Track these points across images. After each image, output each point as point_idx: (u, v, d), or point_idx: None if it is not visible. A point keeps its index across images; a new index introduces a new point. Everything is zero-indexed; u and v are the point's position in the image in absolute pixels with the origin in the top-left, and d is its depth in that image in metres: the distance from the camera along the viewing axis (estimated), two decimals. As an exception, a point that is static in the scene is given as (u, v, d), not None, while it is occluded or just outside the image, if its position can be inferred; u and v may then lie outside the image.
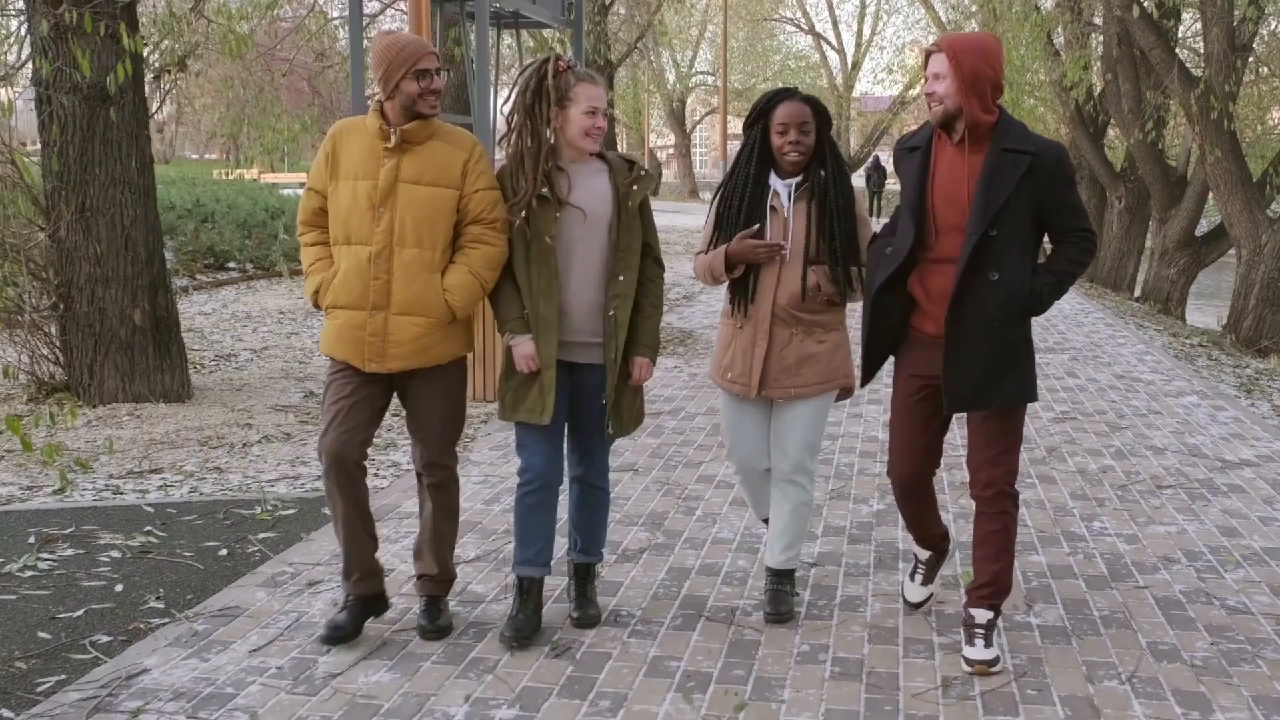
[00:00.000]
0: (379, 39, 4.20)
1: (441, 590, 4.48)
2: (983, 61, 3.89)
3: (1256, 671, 4.11)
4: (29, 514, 6.00)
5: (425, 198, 4.16)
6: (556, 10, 12.94)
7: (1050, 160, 3.95)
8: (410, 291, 4.15)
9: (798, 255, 4.38)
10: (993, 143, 3.96)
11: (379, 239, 4.13)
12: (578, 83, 4.17)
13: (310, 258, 4.32)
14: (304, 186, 4.39)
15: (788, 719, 3.75)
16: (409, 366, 4.21)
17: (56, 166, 8.08)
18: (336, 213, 4.21)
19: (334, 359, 4.27)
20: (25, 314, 8.25)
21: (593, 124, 4.19)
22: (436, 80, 4.14)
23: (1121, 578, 5.05)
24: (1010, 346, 4.02)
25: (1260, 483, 6.58)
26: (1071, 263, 4.06)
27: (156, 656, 4.22)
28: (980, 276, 3.96)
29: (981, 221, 3.92)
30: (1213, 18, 16.31)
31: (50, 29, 7.77)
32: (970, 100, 3.91)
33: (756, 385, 4.42)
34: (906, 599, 4.65)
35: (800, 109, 4.33)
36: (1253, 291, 16.51)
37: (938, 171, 4.06)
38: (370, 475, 6.72)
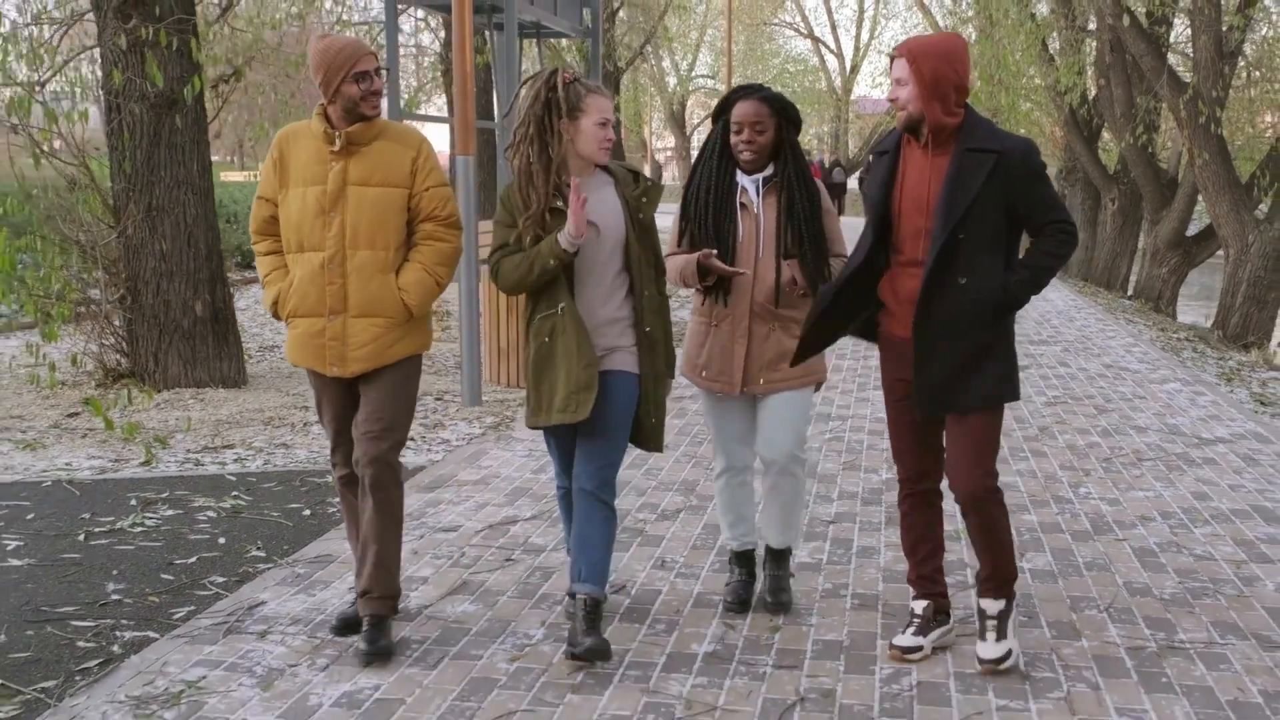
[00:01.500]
0: (315, 43, 4.17)
1: (385, 609, 4.27)
2: (944, 64, 3.85)
3: (1216, 604, 4.79)
4: (125, 482, 6.68)
5: (375, 199, 4.13)
6: (575, 21, 13.63)
7: (1017, 157, 3.88)
8: (366, 293, 4.15)
9: (770, 250, 4.40)
10: (958, 144, 3.91)
11: (331, 244, 4.12)
12: (588, 94, 4.12)
13: (266, 268, 4.30)
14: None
15: (817, 637, 4.43)
16: (370, 368, 4.19)
17: (128, 169, 8.75)
18: (288, 220, 4.18)
19: (303, 367, 4.30)
20: (100, 306, 8.91)
21: (604, 135, 4.15)
22: (377, 81, 4.12)
23: (1103, 532, 5.73)
24: (981, 349, 3.97)
25: (1232, 456, 7.26)
26: (1048, 256, 3.96)
27: (269, 592, 4.90)
28: (948, 280, 3.92)
29: (946, 224, 3.87)
30: (1201, 26, 16.99)
31: (129, 43, 8.43)
32: (931, 104, 3.86)
33: (739, 383, 4.45)
34: (895, 643, 4.25)
35: (755, 108, 4.33)
36: (1240, 290, 17.19)
37: (905, 175, 4.02)
38: (423, 452, 7.41)
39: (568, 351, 4.11)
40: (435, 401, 8.92)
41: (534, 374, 4.19)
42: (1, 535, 5.69)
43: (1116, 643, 4.38)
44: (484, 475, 6.75)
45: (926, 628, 4.26)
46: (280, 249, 4.28)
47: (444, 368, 10.71)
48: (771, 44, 55.53)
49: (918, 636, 4.23)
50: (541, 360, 4.17)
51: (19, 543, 5.58)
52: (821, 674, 4.10)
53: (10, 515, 6.02)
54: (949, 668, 4.15)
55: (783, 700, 3.90)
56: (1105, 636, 4.44)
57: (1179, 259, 21.16)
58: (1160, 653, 4.29)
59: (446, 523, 5.86)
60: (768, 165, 4.43)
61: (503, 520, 5.88)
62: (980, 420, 4.01)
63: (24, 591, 4.94)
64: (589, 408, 4.09)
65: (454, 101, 8.41)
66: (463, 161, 8.34)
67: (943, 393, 3.99)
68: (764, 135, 4.33)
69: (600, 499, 4.20)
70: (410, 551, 5.41)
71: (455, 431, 7.95)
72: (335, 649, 4.29)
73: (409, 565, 5.21)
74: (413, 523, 5.83)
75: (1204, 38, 16.92)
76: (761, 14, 51.69)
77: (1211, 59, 16.77)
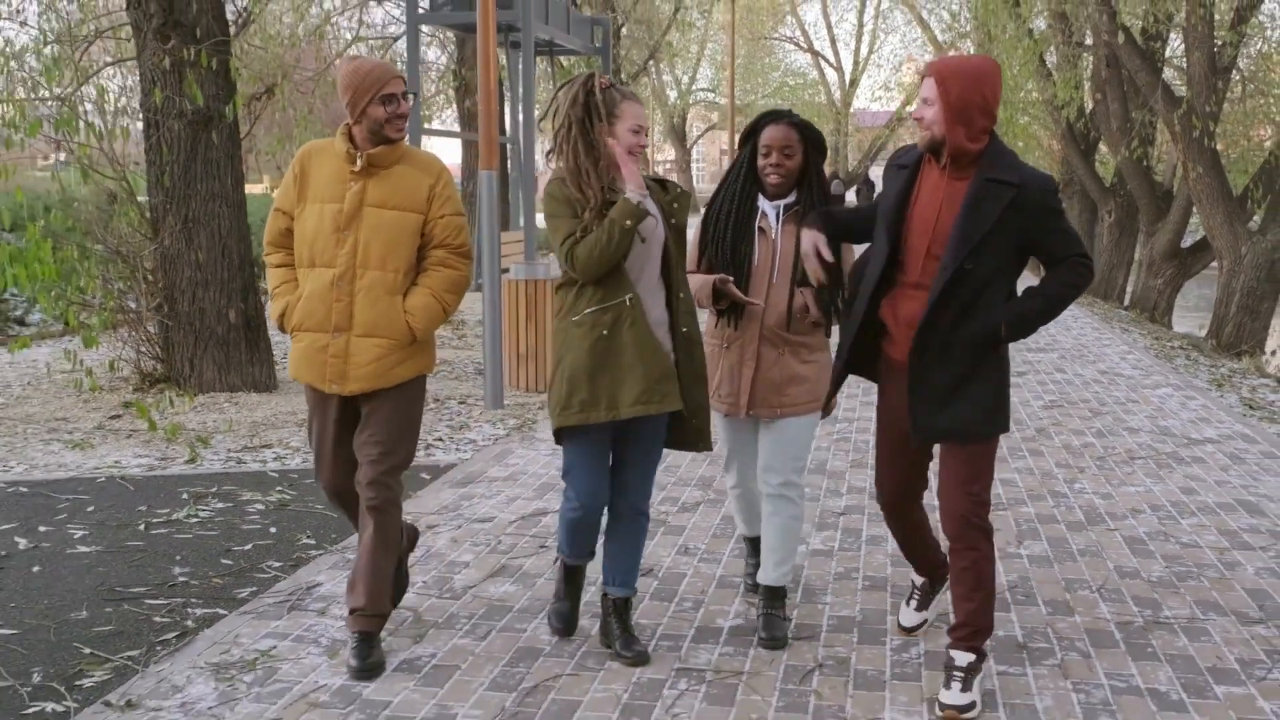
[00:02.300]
0: (345, 64, 4.21)
1: (374, 626, 4.30)
2: (972, 88, 3.77)
3: (1200, 585, 5.19)
4: (174, 478, 7.08)
5: (390, 221, 4.18)
6: (587, 39, 14.06)
7: (1035, 193, 3.82)
8: (372, 313, 4.18)
9: (785, 277, 4.42)
10: (978, 171, 3.84)
11: (342, 261, 4.16)
12: (623, 100, 4.18)
13: (276, 280, 4.33)
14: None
15: (831, 613, 4.83)
16: (369, 388, 4.22)
17: (167, 183, 9.16)
18: (303, 235, 4.22)
19: (302, 382, 4.34)
20: (140, 313, 9.31)
21: (637, 141, 4.20)
22: (403, 105, 4.17)
23: (1096, 523, 6.13)
24: (978, 380, 3.92)
25: (1219, 455, 7.66)
26: (1064, 286, 3.90)
27: (324, 575, 5.30)
28: (951, 309, 3.86)
29: (959, 253, 3.80)
30: (1194, 43, 17.43)
31: (171, 64, 8.84)
32: (955, 128, 3.79)
33: (745, 405, 4.49)
34: (900, 623, 4.59)
35: (785, 133, 4.38)
36: (1234, 300, 17.60)
37: (919, 196, 3.97)
38: (452, 450, 7.81)
39: (640, 341, 4.12)
40: (459, 405, 9.32)
41: (588, 368, 4.12)
42: (66, 525, 6.09)
43: (1107, 618, 4.78)
44: (512, 472, 7.15)
45: (927, 600, 4.58)
46: (292, 262, 4.32)
47: (464, 374, 11.11)
48: (771, 57, 56.07)
49: (920, 611, 4.56)
50: (601, 353, 4.12)
51: (85, 532, 5.98)
52: (837, 644, 4.50)
53: (72, 508, 6.42)
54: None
55: (802, 666, 4.30)
56: (1096, 613, 4.84)
57: (1174, 270, 21.56)
58: (1147, 627, 4.68)
59: (481, 514, 6.26)
60: (791, 191, 4.46)
61: (534, 512, 6.28)
62: (976, 448, 3.95)
63: (97, 574, 5.34)
64: (678, 397, 4.17)
65: (479, 118, 8.81)
66: (486, 176, 8.76)
67: (939, 421, 3.93)
68: (792, 160, 4.37)
69: (647, 514, 4.38)
70: (450, 540, 5.80)
71: (480, 432, 8.35)
72: (390, 624, 4.68)
73: (450, 552, 5.61)
74: (450, 514, 6.24)
75: (1197, 54, 17.34)
76: (762, 28, 52.21)
77: (1204, 74, 17.20)
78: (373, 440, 4.22)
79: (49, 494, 6.70)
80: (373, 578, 4.27)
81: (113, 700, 4.03)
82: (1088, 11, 19.14)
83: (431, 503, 6.49)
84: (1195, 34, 17.29)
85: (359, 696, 4.04)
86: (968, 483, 3.95)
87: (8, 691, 4.11)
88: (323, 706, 3.97)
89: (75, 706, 4.00)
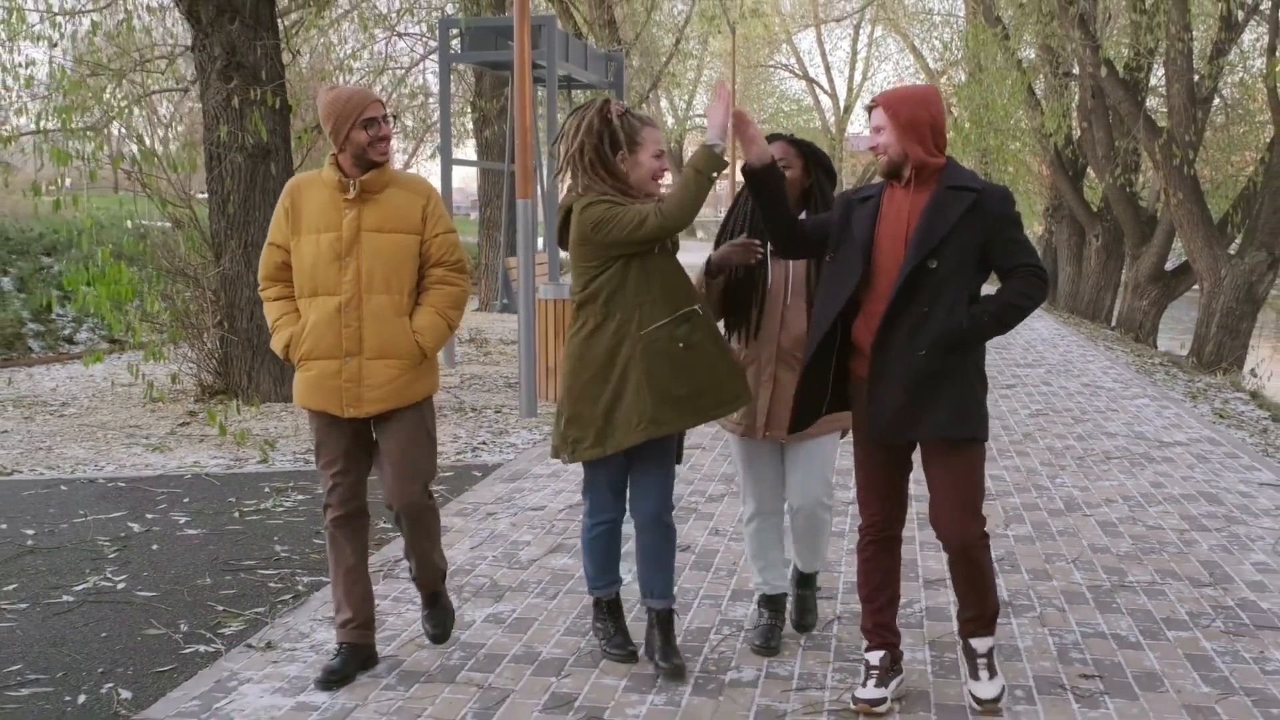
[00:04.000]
0: (323, 94, 4.26)
1: (438, 585, 4.68)
2: (918, 108, 3.96)
3: (1160, 558, 6.04)
4: (252, 475, 7.92)
5: (389, 244, 4.24)
6: (601, 74, 14.97)
7: (994, 200, 3.97)
8: (383, 336, 4.24)
9: (800, 296, 4.48)
10: (940, 181, 4.01)
11: (347, 288, 4.21)
12: (643, 126, 4.21)
13: (276, 312, 4.37)
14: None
15: (846, 579, 5.68)
16: (385, 409, 4.30)
17: (231, 210, 10.03)
18: (301, 266, 4.26)
19: (312, 410, 4.39)
20: (206, 330, 10.17)
21: (659, 167, 4.23)
22: (384, 127, 4.21)
23: (1073, 510, 6.99)
24: (938, 379, 3.96)
25: (1187, 455, 8.53)
26: (1018, 295, 3.97)
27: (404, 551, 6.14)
28: (911, 307, 3.94)
29: (919, 251, 3.91)
30: (1174, 75, 18.38)
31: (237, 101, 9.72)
32: (911, 144, 3.95)
33: (762, 427, 4.54)
34: (858, 696, 4.20)
35: (782, 147, 4.46)
36: (1214, 320, 18.49)
37: (884, 217, 4.06)
38: (495, 452, 8.66)
39: (721, 345, 4.30)
40: (495, 414, 10.18)
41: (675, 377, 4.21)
42: (169, 513, 6.93)
43: (1079, 582, 5.63)
44: (554, 469, 7.99)
45: (885, 678, 4.22)
46: (289, 294, 4.36)
47: (494, 387, 11.97)
48: (767, 84, 57.08)
49: (880, 688, 4.19)
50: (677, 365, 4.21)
51: (188, 518, 6.82)
52: (853, 603, 5.35)
53: (169, 499, 7.26)
54: (949, 596, 5.39)
55: (824, 618, 5.14)
56: (1071, 579, 5.69)
57: (1159, 292, 22.44)
58: (1113, 589, 5.54)
59: (533, 504, 7.10)
60: (800, 211, 4.54)
61: (579, 502, 7.12)
62: (959, 461, 4.01)
63: (209, 551, 6.18)
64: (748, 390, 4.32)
65: (515, 150, 9.69)
66: (523, 204, 9.63)
67: (893, 418, 4.00)
68: (789, 171, 4.42)
69: (669, 524, 4.43)
70: (510, 524, 6.65)
71: (520, 437, 9.20)
72: (470, 591, 5.52)
73: (511, 533, 6.44)
74: (505, 504, 7.08)
75: (1177, 85, 18.29)
76: (758, 56, 53.21)
77: (1184, 105, 18.14)
78: (400, 461, 4.34)
79: (145, 488, 7.54)
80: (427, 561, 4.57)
81: (254, 643, 4.86)
82: (1073, 45, 20.05)
83: (488, 494, 7.33)
84: (1175, 67, 18.23)
85: (458, 640, 4.88)
86: (960, 500, 4.00)
87: (163, 638, 4.95)
88: (429, 647, 4.81)
89: (223, 648, 4.84)
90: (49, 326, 15.04)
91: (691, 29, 31.38)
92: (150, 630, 5.04)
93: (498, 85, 17.51)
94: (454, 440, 9.10)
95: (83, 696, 4.35)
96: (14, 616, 5.19)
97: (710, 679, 4.47)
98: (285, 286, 4.36)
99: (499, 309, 14.75)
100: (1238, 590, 5.50)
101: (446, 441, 8.99)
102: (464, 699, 4.29)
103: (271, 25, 10.22)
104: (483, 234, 19.56)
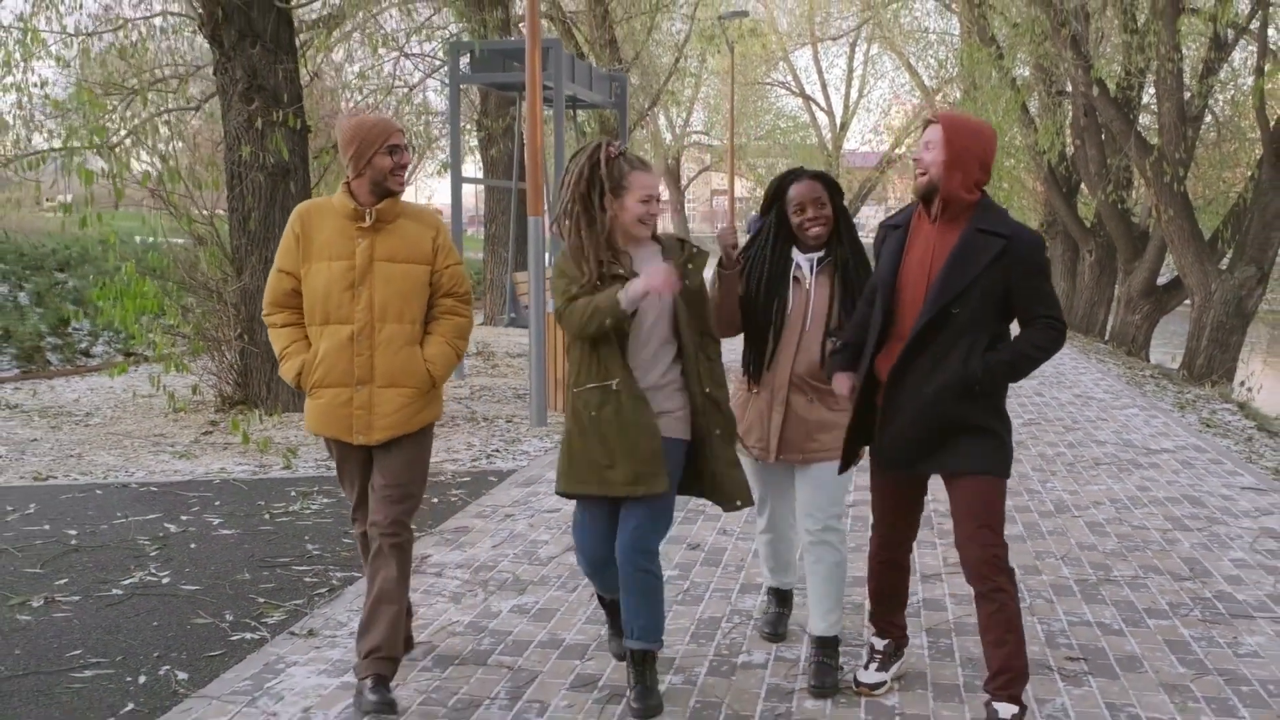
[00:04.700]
0: (347, 119, 4.28)
1: (389, 671, 4.31)
2: (974, 141, 3.93)
3: (1144, 555, 6.40)
4: (278, 480, 8.27)
5: (401, 275, 4.28)
6: (606, 95, 15.36)
7: (1024, 247, 3.92)
8: (394, 365, 4.28)
9: (819, 325, 4.50)
10: (970, 223, 3.97)
11: (360, 317, 4.24)
12: (631, 171, 4.20)
13: (285, 340, 4.37)
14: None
15: (851, 574, 6.03)
16: (394, 435, 4.33)
17: (252, 227, 10.39)
18: (313, 294, 4.27)
19: (324, 436, 4.43)
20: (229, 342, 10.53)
21: (647, 211, 4.21)
22: (405, 155, 4.27)
23: (1063, 511, 7.35)
24: (950, 419, 3.99)
25: (1173, 462, 8.89)
26: (1034, 347, 3.96)
27: (432, 549, 6.49)
28: (930, 349, 3.97)
29: (939, 298, 3.92)
30: (1164, 94, 18.77)
31: (261, 122, 10.10)
32: (953, 174, 3.93)
33: (775, 450, 4.57)
34: (860, 680, 4.49)
35: (812, 185, 4.47)
36: (1204, 333, 18.84)
37: (911, 250, 4.08)
38: (509, 459, 9.01)
39: (625, 425, 4.17)
40: (506, 423, 10.54)
41: (581, 446, 4.25)
42: (202, 515, 7.28)
43: (1067, 577, 5.99)
44: (566, 475, 8.34)
45: (888, 662, 4.51)
46: (298, 321, 4.37)
47: (504, 398, 12.32)
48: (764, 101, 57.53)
49: (880, 672, 4.46)
50: (587, 431, 4.24)
51: (220, 520, 7.17)
52: (856, 595, 5.70)
53: (201, 502, 7.61)
54: (945, 588, 5.74)
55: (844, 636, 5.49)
56: (1059, 573, 6.05)
57: (1151, 306, 22.80)
58: (1099, 582, 5.89)
59: (548, 506, 7.45)
60: (823, 249, 4.54)
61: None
62: (978, 491, 4.00)
63: (245, 549, 6.53)
64: (664, 479, 4.17)
65: (527, 170, 10.06)
66: (534, 221, 9.99)
67: (905, 451, 4.06)
68: (826, 209, 4.47)
69: (647, 570, 4.23)
70: (528, 524, 7.00)
71: (531, 445, 9.56)
72: (494, 585, 5.87)
73: (530, 533, 6.79)
74: (522, 506, 7.44)
75: (1167, 104, 18.68)
76: (755, 73, 53.65)
77: (1174, 124, 18.52)
78: (392, 483, 4.34)
79: (177, 492, 7.89)
80: (393, 619, 4.32)
81: (296, 630, 5.21)
82: (1065, 65, 20.47)
83: (504, 498, 7.69)
84: (1165, 86, 18.62)
85: (487, 628, 5.23)
86: (980, 530, 3.99)
87: (210, 626, 5.30)
88: (460, 634, 5.16)
89: (268, 635, 5.19)
90: (66, 340, 15.39)
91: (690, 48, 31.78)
92: (198, 620, 5.39)
93: (502, 105, 17.91)
94: (468, 448, 9.45)
95: (143, 677, 4.71)
96: (69, 608, 5.55)
97: (723, 661, 4.83)
98: (293, 313, 4.37)
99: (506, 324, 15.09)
100: (1215, 583, 5.86)
101: (461, 449, 9.36)
102: (496, 679, 4.65)
103: (291, 48, 10.61)
104: (488, 250, 19.94)
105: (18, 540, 6.70)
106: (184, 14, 12.00)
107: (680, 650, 4.96)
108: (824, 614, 4.59)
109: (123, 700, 4.49)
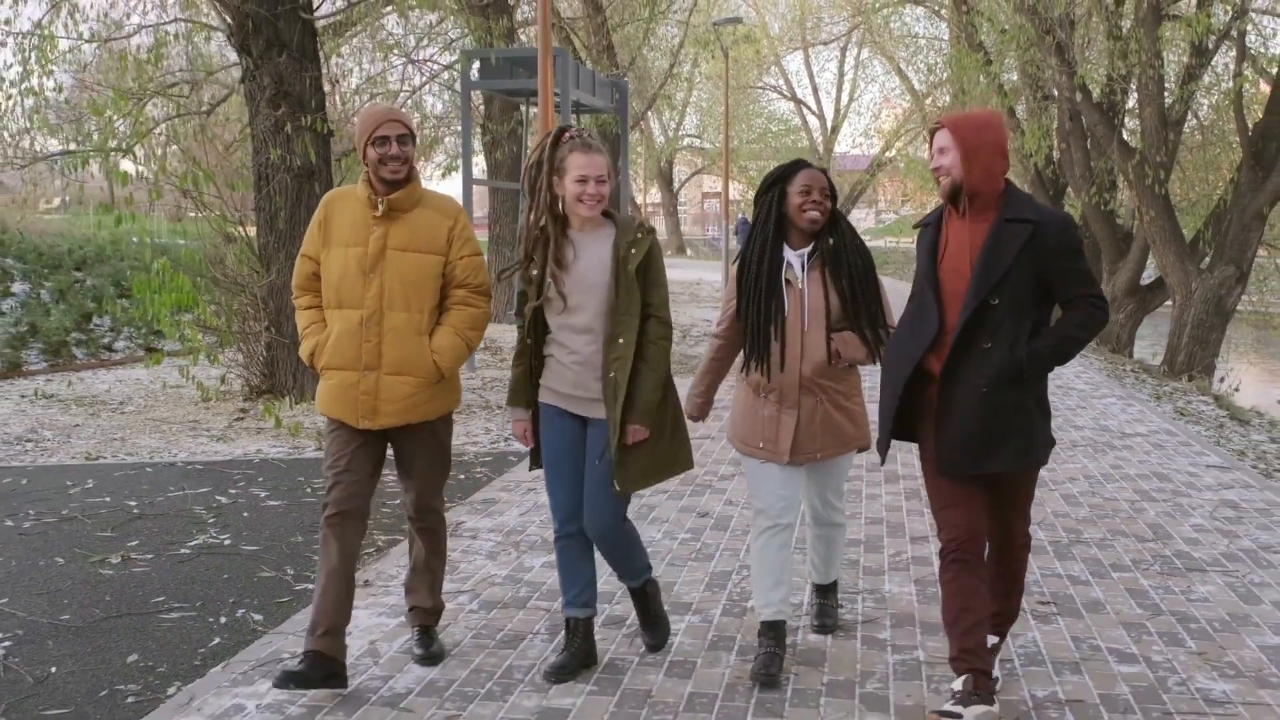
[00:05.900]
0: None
1: (432, 621, 4.80)
2: (984, 131, 3.99)
3: (1112, 521, 7.04)
4: (312, 460, 8.89)
5: (412, 264, 4.33)
6: (607, 100, 16.00)
7: (1053, 230, 3.96)
8: (401, 353, 4.34)
9: (819, 323, 4.53)
10: (998, 213, 4.01)
11: (369, 303, 4.30)
12: (571, 152, 4.26)
13: (305, 321, 4.47)
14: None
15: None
16: (399, 423, 4.41)
17: (280, 226, 11.01)
18: (329, 278, 4.37)
19: (330, 417, 4.48)
20: (258, 335, 11.15)
21: (582, 191, 4.25)
22: (394, 147, 4.25)
23: (1040, 486, 7.98)
24: (1005, 412, 3.99)
25: (1145, 444, 9.55)
26: (1077, 327, 3.98)
27: (465, 517, 7.12)
28: (975, 344, 3.98)
29: (980, 291, 3.94)
30: (1146, 100, 19.44)
31: (290, 127, 10.72)
32: (973, 169, 3.97)
33: (788, 452, 4.59)
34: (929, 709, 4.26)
35: (819, 176, 4.52)
36: (1185, 331, 19.50)
37: (947, 244, 4.11)
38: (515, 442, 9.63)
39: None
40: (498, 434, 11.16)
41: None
42: (249, 489, 7.90)
43: (1042, 539, 6.63)
44: (581, 455, 8.97)
45: (968, 700, 4.00)
46: (319, 304, 4.46)
47: (514, 388, 12.94)
48: (756, 105, 58.18)
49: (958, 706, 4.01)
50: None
51: (266, 493, 7.79)
52: (865, 579, 6.34)
53: (245, 478, 8.23)
54: (933, 548, 6.38)
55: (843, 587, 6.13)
56: (1035, 537, 6.69)
57: (1134, 305, 23.44)
58: (1069, 544, 6.54)
59: (567, 482, 8.08)
60: (811, 243, 4.57)
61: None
62: (1022, 484, 4.22)
63: (293, 517, 7.15)
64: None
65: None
66: (547, 220, 10.62)
67: (964, 452, 4.04)
68: (828, 200, 4.51)
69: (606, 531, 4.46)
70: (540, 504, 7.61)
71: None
72: (525, 545, 6.49)
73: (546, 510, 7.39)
74: (542, 482, 8.01)
75: (1149, 109, 19.35)
76: (747, 77, 54.29)
77: (1156, 128, 19.18)
78: (419, 472, 4.58)
79: (221, 470, 8.51)
80: (430, 582, 4.78)
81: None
82: (1051, 71, 21.13)
83: (525, 475, 8.32)
84: (1147, 92, 19.28)
85: (523, 579, 5.86)
86: (1011, 516, 4.27)
87: (275, 579, 5.93)
88: (499, 584, 5.78)
89: (327, 586, 5.81)
90: (89, 335, 15.99)
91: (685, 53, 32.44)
92: (263, 573, 6.02)
93: (507, 109, 18.52)
94: (486, 433, 10.08)
95: (223, 618, 5.34)
96: (145, 564, 6.17)
97: (735, 605, 5.47)
98: (315, 296, 4.47)
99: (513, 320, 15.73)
100: (1175, 544, 6.51)
101: (479, 434, 9.98)
102: (535, 619, 5.28)
103: (315, 57, 11.22)
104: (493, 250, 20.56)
105: (84, 510, 7.32)
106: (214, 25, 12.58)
107: (697, 596, 5.60)
108: (824, 569, 5.10)
109: (209, 636, 5.11)
